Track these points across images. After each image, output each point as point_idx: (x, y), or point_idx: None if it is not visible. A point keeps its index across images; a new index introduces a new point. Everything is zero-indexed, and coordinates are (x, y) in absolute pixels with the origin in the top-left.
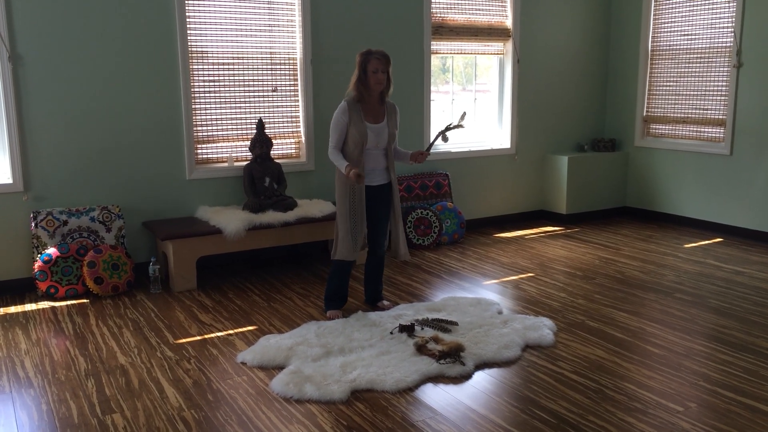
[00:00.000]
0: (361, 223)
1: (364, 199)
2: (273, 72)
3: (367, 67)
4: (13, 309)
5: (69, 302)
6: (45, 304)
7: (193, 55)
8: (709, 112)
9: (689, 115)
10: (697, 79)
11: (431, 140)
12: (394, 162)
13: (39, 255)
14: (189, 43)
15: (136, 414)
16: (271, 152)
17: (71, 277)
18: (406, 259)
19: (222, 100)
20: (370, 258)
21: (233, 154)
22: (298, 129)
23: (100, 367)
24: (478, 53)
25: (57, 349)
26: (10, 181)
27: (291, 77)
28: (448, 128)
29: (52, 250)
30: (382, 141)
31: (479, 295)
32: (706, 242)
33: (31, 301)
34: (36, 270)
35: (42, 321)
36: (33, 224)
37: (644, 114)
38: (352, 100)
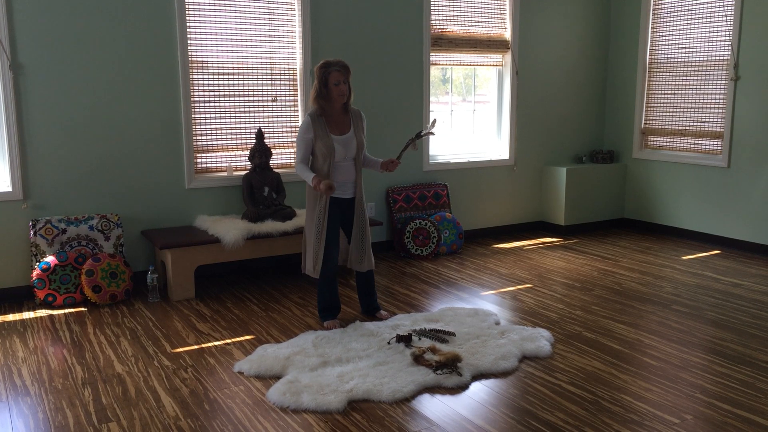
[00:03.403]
0: (332, 240)
1: (334, 214)
2: (273, 82)
3: (329, 79)
4: (10, 317)
5: (67, 311)
6: (43, 313)
7: (193, 64)
8: (707, 124)
9: (687, 128)
10: (694, 92)
11: (402, 148)
12: (362, 173)
13: (37, 263)
14: (189, 53)
15: (132, 423)
16: (271, 162)
17: (69, 286)
18: (370, 268)
19: (222, 109)
20: (357, 271)
21: (232, 164)
22: None
23: (97, 376)
24: (477, 65)
25: (54, 357)
26: (10, 189)
27: (291, 87)
28: (418, 135)
29: (50, 259)
30: (350, 151)
31: (477, 305)
32: (704, 254)
33: (28, 309)
34: (34, 278)
35: (39, 329)
36: (32, 232)
37: (642, 126)
38: (314, 114)
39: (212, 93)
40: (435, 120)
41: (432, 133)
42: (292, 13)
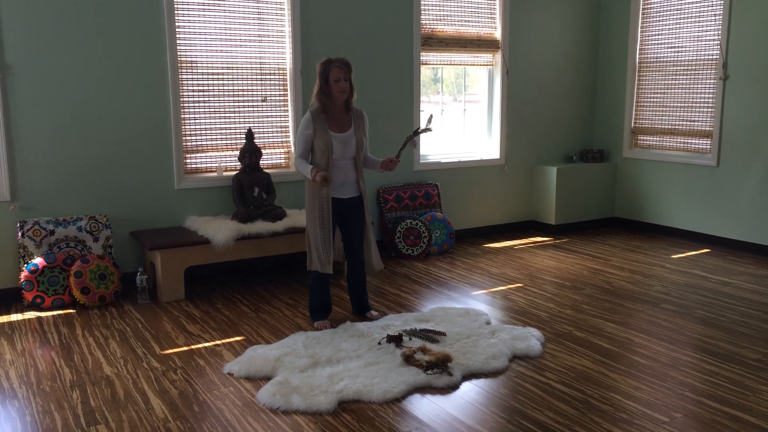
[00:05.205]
0: (330, 236)
1: (331, 210)
2: (263, 82)
3: (329, 76)
4: None
5: (55, 312)
6: (31, 315)
7: (183, 64)
8: (696, 123)
9: (676, 127)
10: (684, 91)
11: (400, 146)
12: (363, 173)
13: (25, 265)
14: (178, 53)
15: (121, 426)
16: (261, 162)
17: (58, 287)
18: (379, 269)
19: (211, 109)
20: (350, 269)
21: (222, 164)
22: (287, 139)
23: (85, 378)
24: (467, 64)
25: (42, 359)
26: None
27: (281, 87)
28: (416, 133)
29: (38, 260)
30: (349, 150)
31: (468, 305)
32: (694, 253)
33: (17, 311)
34: (22, 280)
35: (28, 331)
36: (20, 234)
37: (632, 125)
38: (315, 111)
39: (202, 93)
40: (431, 116)
41: (429, 130)
42: (281, 13)
